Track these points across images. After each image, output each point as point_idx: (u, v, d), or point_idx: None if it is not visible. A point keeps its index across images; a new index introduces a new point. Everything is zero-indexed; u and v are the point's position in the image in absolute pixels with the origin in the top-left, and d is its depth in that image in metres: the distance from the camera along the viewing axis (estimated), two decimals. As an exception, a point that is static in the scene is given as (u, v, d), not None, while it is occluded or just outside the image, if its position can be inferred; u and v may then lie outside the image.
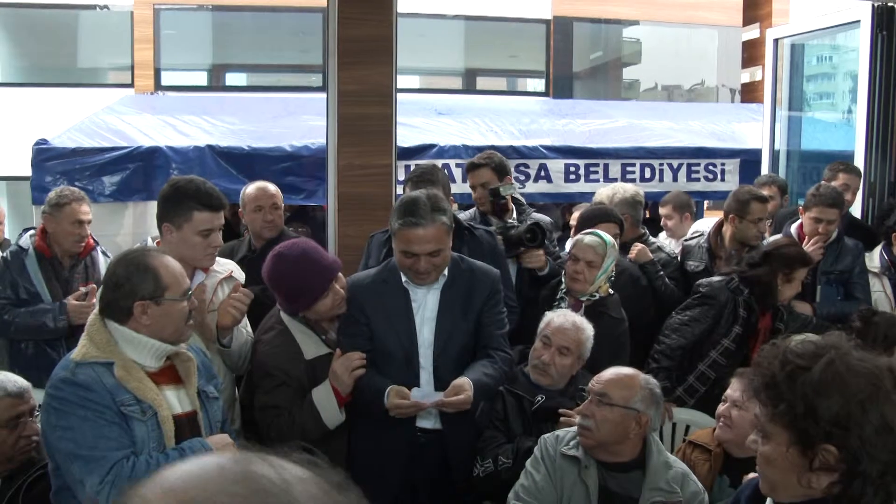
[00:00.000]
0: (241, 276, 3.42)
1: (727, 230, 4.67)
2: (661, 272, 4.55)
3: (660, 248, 4.80)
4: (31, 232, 4.38)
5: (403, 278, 3.18)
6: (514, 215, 4.34)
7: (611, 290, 3.94)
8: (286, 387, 3.08)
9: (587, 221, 4.30)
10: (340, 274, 3.22)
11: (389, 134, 4.10)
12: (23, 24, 12.02)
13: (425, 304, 3.21)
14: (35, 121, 7.56)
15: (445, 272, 3.18)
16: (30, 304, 4.18)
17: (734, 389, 3.12)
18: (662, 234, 5.76)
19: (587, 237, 3.95)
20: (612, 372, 2.95)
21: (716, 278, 4.17)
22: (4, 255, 4.37)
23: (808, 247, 4.55)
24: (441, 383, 3.13)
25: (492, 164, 4.38)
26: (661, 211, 5.86)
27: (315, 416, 3.04)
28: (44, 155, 5.26)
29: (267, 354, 3.16)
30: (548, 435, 2.96)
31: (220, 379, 2.85)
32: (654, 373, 3.49)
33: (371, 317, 3.20)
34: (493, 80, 15.23)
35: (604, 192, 4.93)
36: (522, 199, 4.67)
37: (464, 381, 3.04)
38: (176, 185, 3.14)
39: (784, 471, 1.73)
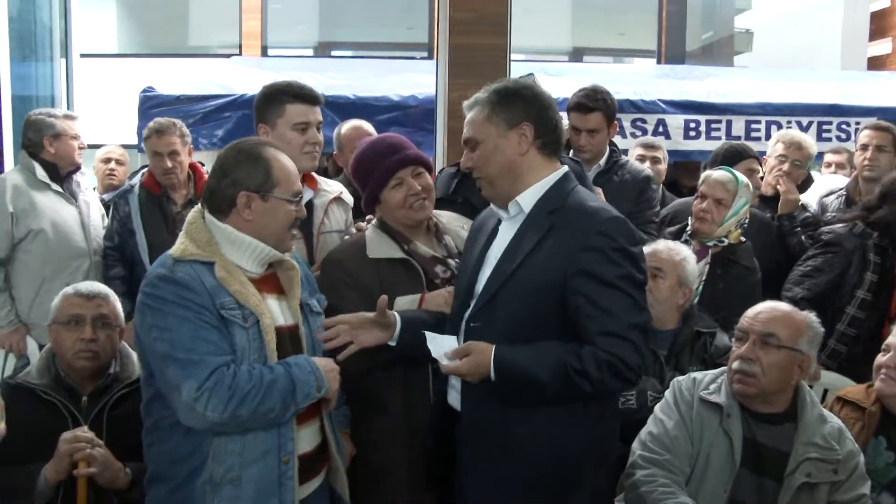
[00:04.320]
0: (349, 199, 3.20)
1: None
2: (799, 228, 4.11)
3: (804, 207, 4.35)
4: (143, 171, 4.29)
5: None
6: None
7: (743, 238, 3.57)
8: (346, 286, 2.66)
9: (721, 159, 3.93)
10: (428, 175, 2.78)
11: (503, 66, 3.83)
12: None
13: (498, 240, 2.39)
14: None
15: (522, 204, 2.29)
16: (125, 246, 4.12)
17: (897, 335, 2.71)
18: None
19: (717, 172, 3.59)
20: (769, 308, 2.56)
21: (838, 225, 3.76)
22: (114, 197, 4.31)
23: None
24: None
25: (604, 107, 3.80)
26: (830, 158, 5.27)
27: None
28: (149, 102, 5.26)
29: (331, 252, 2.85)
30: (682, 377, 2.61)
31: (323, 296, 2.57)
32: None
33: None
34: (601, 59, 14.80)
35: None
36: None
37: (479, 346, 2.20)
38: (268, 84, 2.98)
39: None
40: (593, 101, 3.76)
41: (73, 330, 2.67)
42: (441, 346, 2.26)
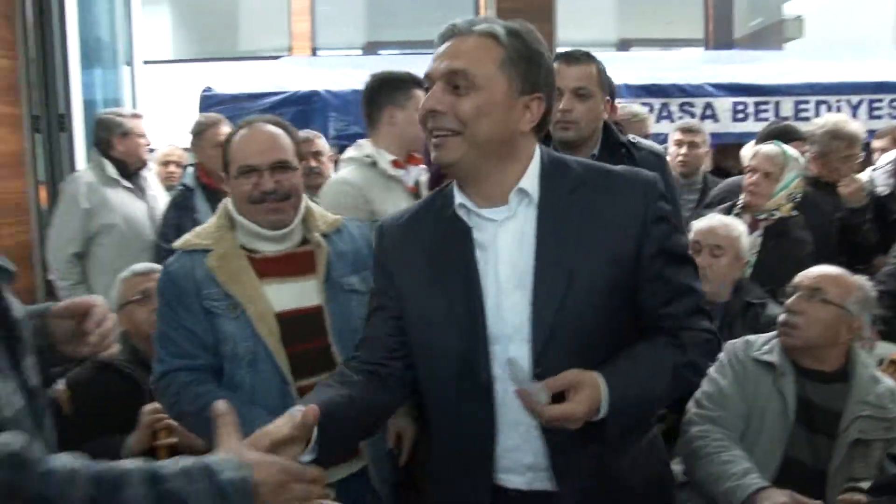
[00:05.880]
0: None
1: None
2: (869, 218, 4.05)
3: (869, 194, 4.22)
4: (193, 167, 4.45)
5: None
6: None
7: (795, 212, 3.61)
8: None
9: (767, 138, 3.97)
10: None
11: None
12: (189, 4, 12.62)
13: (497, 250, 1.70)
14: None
15: (530, 190, 1.68)
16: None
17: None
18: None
19: (766, 146, 3.65)
20: (822, 268, 2.64)
21: None
22: (171, 196, 4.47)
23: None
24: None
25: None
26: (876, 144, 5.24)
27: None
28: (208, 101, 5.45)
29: None
30: (735, 340, 2.68)
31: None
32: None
33: None
34: (648, 50, 14.71)
35: (817, 121, 4.48)
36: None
37: (585, 376, 1.56)
38: (385, 72, 3.15)
39: None
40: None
41: (144, 304, 2.83)
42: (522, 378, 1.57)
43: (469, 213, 1.68)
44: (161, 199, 4.50)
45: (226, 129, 4.17)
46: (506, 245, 1.66)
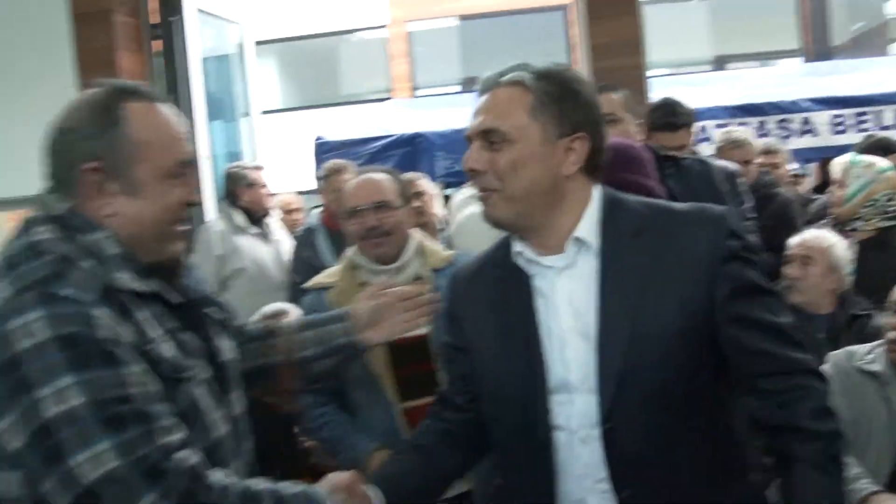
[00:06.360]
0: None
1: None
2: None
3: None
4: (319, 210, 4.78)
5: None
6: None
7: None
8: None
9: (864, 152, 4.00)
10: None
11: (640, 84, 4.07)
12: (292, 55, 13.23)
13: (557, 298, 1.63)
14: (310, 140, 8.32)
15: (586, 239, 1.61)
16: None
17: None
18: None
19: (839, 157, 3.75)
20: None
21: None
22: (296, 235, 4.80)
23: None
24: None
25: (689, 121, 3.83)
26: None
27: None
28: (322, 149, 5.82)
29: None
30: (838, 352, 2.77)
31: None
32: None
33: None
34: (745, 65, 14.50)
35: None
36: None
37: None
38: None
39: None
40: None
41: None
42: None
43: (528, 261, 1.63)
44: (285, 242, 4.84)
45: (348, 175, 4.50)
46: (566, 293, 1.59)
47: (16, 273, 1.33)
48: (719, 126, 5.57)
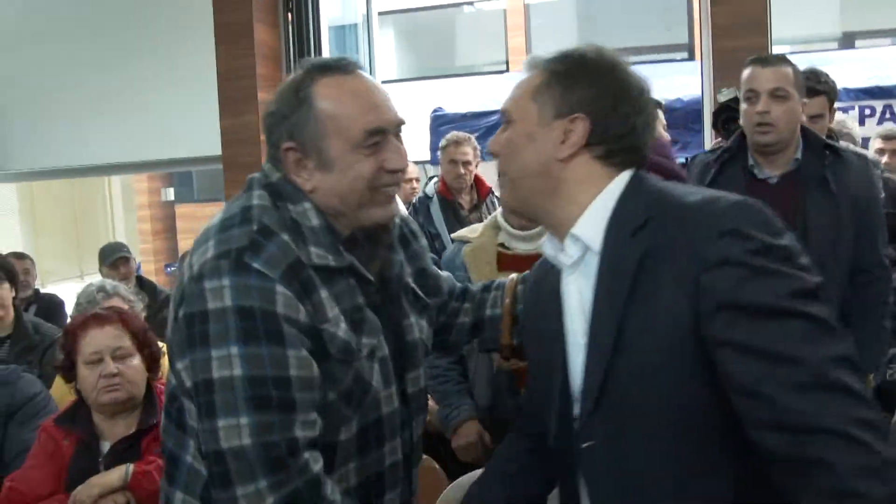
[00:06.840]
0: None
1: None
2: None
3: None
4: (435, 179, 4.95)
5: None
6: None
7: None
8: None
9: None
10: None
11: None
12: (410, 25, 13.42)
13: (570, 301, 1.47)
14: (426, 111, 8.52)
15: (584, 238, 1.41)
16: (432, 247, 4.74)
17: None
18: None
19: None
20: None
21: None
22: (413, 203, 4.97)
23: None
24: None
25: (828, 89, 3.45)
26: None
27: None
28: (438, 121, 5.96)
29: None
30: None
31: None
32: None
33: None
34: (876, 42, 13.82)
35: None
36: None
37: None
38: None
39: None
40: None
41: None
42: None
43: (554, 256, 1.46)
44: (401, 209, 5.01)
45: (465, 148, 4.67)
46: (575, 293, 1.42)
47: (224, 236, 1.43)
48: (840, 110, 5.40)
